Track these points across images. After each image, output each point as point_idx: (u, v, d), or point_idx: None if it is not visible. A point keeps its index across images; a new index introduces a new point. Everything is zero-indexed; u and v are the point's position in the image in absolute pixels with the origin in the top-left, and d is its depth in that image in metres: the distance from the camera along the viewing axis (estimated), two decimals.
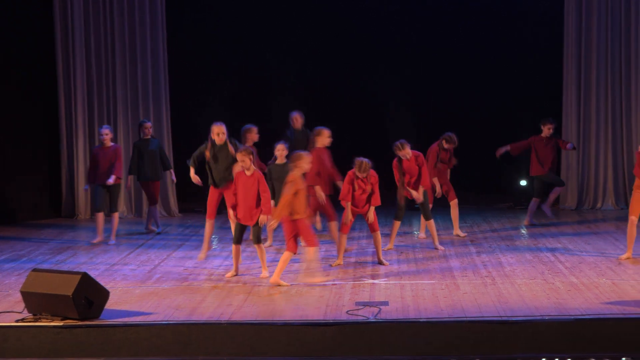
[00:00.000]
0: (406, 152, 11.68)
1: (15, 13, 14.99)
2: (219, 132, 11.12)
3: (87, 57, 15.23)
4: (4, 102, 14.82)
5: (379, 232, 11.02)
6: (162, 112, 15.63)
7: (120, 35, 15.31)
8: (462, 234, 12.98)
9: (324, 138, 11.81)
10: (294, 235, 9.91)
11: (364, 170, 10.68)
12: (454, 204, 12.90)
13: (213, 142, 11.15)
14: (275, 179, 11.41)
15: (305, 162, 10.04)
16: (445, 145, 12.70)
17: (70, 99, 15.26)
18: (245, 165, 10.19)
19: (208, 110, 15.48)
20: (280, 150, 11.54)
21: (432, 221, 11.98)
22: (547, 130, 13.62)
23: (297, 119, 13.64)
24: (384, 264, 10.91)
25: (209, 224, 11.42)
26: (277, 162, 11.61)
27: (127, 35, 15.34)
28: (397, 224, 12.08)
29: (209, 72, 16.45)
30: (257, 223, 10.18)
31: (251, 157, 10.21)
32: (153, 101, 15.56)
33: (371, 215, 10.89)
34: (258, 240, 10.23)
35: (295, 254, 10.00)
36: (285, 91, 16.43)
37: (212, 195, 11.36)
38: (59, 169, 15.54)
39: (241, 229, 10.35)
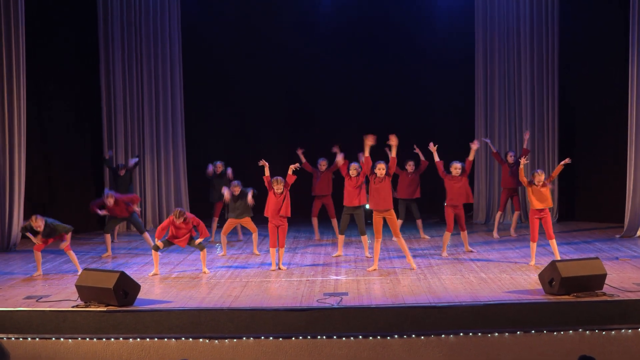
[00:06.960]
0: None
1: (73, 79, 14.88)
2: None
3: (124, 108, 14.98)
4: (63, 141, 14.61)
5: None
6: (179, 153, 15.48)
7: (148, 96, 15.18)
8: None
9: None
10: None
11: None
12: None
13: None
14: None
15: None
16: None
17: (112, 138, 14.92)
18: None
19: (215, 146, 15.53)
20: None
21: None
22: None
23: None
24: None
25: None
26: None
27: (153, 96, 15.20)
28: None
29: (214, 118, 16.27)
30: None
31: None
32: (172, 144, 15.42)
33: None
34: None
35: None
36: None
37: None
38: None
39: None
